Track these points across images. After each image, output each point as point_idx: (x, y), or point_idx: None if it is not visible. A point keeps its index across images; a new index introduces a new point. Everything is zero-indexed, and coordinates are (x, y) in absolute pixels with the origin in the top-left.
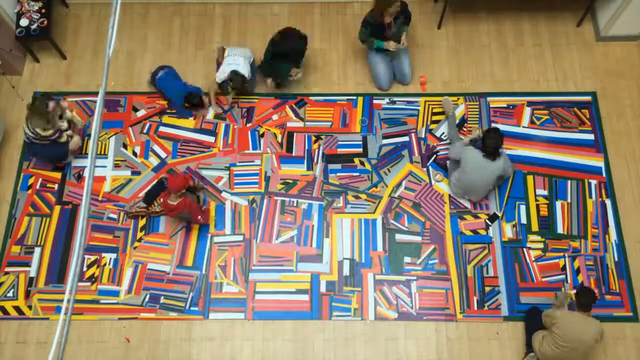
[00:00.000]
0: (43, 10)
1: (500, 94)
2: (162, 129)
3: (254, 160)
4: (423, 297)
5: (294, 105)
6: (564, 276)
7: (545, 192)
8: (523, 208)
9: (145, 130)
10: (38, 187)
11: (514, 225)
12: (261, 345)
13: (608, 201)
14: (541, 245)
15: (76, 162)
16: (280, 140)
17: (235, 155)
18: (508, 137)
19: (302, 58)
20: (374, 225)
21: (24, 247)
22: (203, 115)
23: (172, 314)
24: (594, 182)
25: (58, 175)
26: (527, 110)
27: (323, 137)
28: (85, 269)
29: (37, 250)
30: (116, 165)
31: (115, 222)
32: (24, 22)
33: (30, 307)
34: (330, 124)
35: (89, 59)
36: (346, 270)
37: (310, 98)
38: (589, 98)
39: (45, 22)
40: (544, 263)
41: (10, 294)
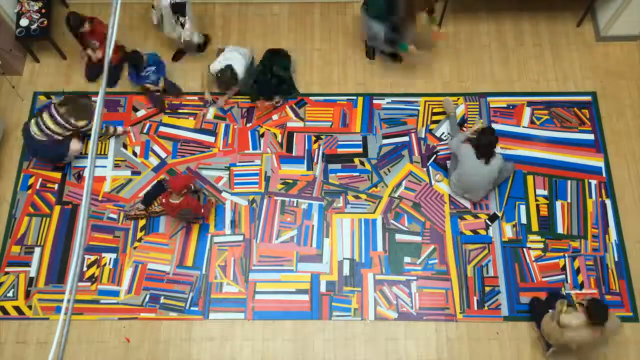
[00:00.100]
0: (43, 10)
1: (500, 94)
2: (162, 129)
3: (254, 160)
4: (423, 297)
5: (294, 105)
6: (564, 276)
7: (545, 192)
8: (523, 208)
9: (145, 130)
10: (38, 187)
11: (514, 225)
12: (261, 345)
13: (608, 201)
14: (541, 245)
15: (76, 162)
16: (280, 140)
17: (235, 155)
18: (508, 137)
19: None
20: (374, 225)
21: (24, 247)
22: (203, 115)
23: (172, 314)
24: (594, 182)
25: (58, 175)
26: (527, 110)
27: (323, 137)
28: (85, 269)
29: (37, 250)
30: (116, 165)
31: (115, 222)
32: (24, 22)
33: (30, 307)
34: (330, 124)
35: None
36: (346, 270)
37: (310, 98)
38: (589, 98)
39: (45, 22)
40: (544, 263)
41: (10, 294)
